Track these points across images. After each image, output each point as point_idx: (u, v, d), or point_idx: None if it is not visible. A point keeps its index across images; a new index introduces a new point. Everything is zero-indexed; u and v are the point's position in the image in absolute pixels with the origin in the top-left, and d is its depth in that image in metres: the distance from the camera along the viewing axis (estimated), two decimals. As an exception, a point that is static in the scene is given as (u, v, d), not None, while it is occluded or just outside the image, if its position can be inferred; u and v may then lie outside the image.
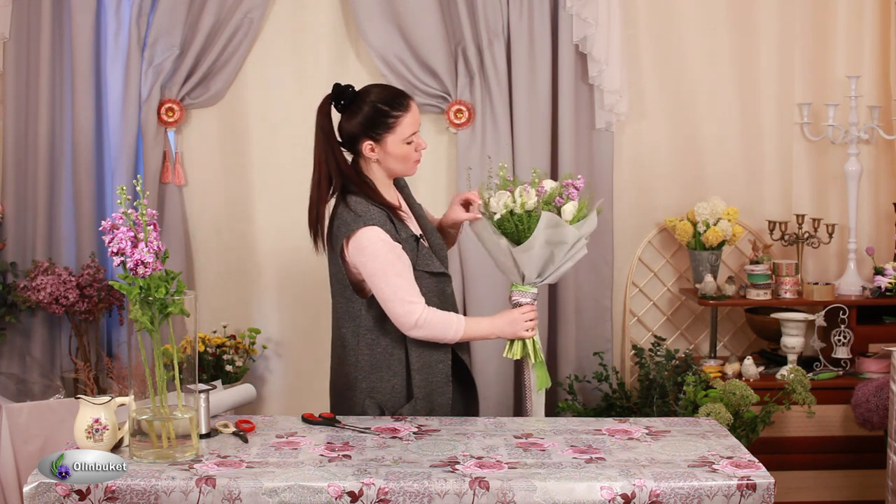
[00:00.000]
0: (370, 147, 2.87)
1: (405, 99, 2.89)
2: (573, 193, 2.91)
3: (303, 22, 4.34)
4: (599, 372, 4.16)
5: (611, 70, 4.21)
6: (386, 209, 2.86)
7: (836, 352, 4.16)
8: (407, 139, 2.86)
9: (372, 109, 2.86)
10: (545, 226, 2.84)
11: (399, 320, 2.82)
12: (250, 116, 4.38)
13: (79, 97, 4.18)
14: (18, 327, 4.23)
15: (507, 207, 2.88)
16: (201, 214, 4.39)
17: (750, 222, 4.46)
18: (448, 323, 2.84)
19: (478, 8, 4.17)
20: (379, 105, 2.86)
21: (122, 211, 2.38)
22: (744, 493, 2.28)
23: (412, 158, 2.90)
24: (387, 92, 2.92)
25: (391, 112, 2.85)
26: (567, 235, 2.88)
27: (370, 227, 2.80)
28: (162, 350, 2.41)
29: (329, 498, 2.26)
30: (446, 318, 2.85)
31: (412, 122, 2.87)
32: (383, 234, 2.81)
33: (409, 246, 2.86)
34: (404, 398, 2.88)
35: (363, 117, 2.86)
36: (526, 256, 2.88)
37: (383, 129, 2.85)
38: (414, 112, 2.88)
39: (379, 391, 2.88)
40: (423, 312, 2.80)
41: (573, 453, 2.49)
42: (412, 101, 2.90)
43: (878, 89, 4.40)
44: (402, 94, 2.92)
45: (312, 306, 4.36)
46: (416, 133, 2.89)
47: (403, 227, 2.89)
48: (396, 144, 2.86)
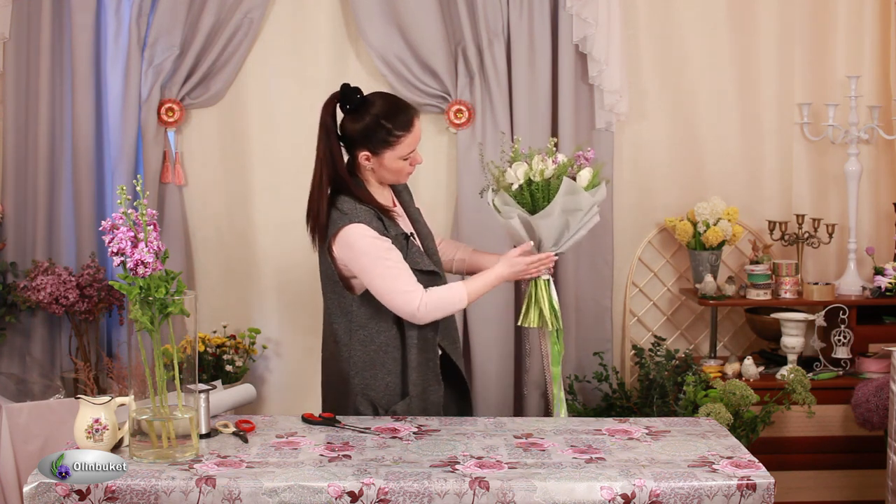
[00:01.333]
0: (366, 157, 2.88)
1: (410, 117, 2.87)
2: (585, 164, 3.00)
3: (303, 22, 4.34)
4: (599, 372, 4.16)
5: (611, 70, 4.21)
6: (374, 208, 2.87)
7: (836, 352, 4.16)
8: (405, 157, 2.87)
9: (374, 123, 2.85)
10: (564, 192, 2.89)
11: (402, 311, 2.83)
12: (250, 116, 4.37)
13: (79, 97, 4.18)
14: (18, 327, 4.23)
15: (526, 176, 2.93)
16: (201, 214, 4.39)
17: (750, 222, 4.46)
18: (449, 296, 2.86)
19: (478, 8, 4.17)
20: (382, 121, 2.85)
21: (122, 211, 2.38)
22: (744, 493, 2.29)
23: (406, 171, 2.93)
24: (393, 107, 2.89)
25: (393, 130, 2.84)
26: (582, 202, 2.92)
27: (356, 224, 2.82)
28: (162, 350, 2.41)
29: (329, 498, 2.26)
30: (446, 292, 2.87)
31: (412, 142, 2.87)
32: (369, 231, 2.82)
33: (399, 244, 2.87)
34: (398, 396, 2.89)
35: (364, 128, 2.85)
36: (544, 224, 2.92)
37: (382, 146, 2.85)
38: (416, 131, 2.88)
39: (372, 389, 2.89)
40: (421, 297, 2.81)
41: (573, 453, 2.49)
42: (416, 119, 2.88)
43: (878, 89, 4.40)
44: (407, 110, 2.89)
45: (312, 306, 4.34)
46: (415, 150, 2.89)
47: (393, 224, 2.89)
48: (393, 161, 2.87)
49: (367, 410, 2.89)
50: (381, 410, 2.88)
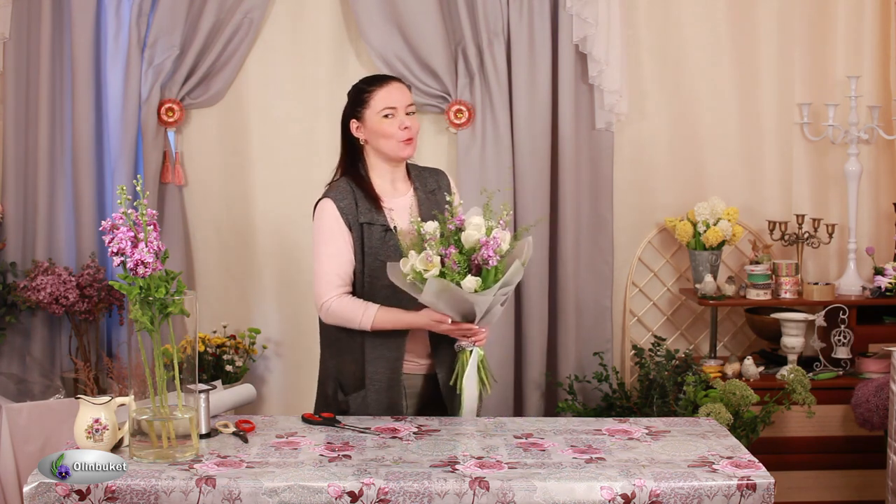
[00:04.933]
0: (356, 126, 2.93)
1: (384, 78, 2.96)
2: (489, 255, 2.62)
3: (303, 22, 4.34)
4: (599, 372, 4.16)
5: (611, 70, 4.21)
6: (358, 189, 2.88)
7: (836, 352, 4.16)
8: (381, 112, 2.88)
9: (353, 90, 2.96)
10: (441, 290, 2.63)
11: (315, 298, 2.90)
12: (250, 116, 4.38)
13: (79, 97, 4.18)
14: (18, 327, 4.23)
15: (413, 273, 2.67)
16: (201, 214, 4.39)
17: (750, 222, 4.46)
18: (355, 313, 2.83)
19: (478, 8, 4.17)
20: (358, 84, 2.96)
21: (122, 211, 2.38)
22: (744, 493, 2.28)
23: (395, 136, 2.88)
24: (372, 75, 3.03)
25: (366, 88, 2.92)
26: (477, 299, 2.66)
27: (325, 199, 2.88)
28: (162, 350, 2.41)
29: (329, 498, 2.26)
30: (355, 308, 2.83)
31: (386, 97, 2.89)
32: (332, 210, 2.85)
33: (374, 232, 2.86)
34: (358, 386, 2.90)
35: (349, 100, 2.96)
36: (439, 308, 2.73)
37: (361, 106, 2.92)
38: (391, 88, 2.91)
39: (342, 373, 2.93)
40: (331, 297, 2.85)
41: (573, 453, 2.49)
42: (395, 80, 2.95)
43: (878, 89, 4.40)
44: (385, 75, 3.01)
45: (312, 306, 4.34)
46: (396, 109, 2.88)
47: (373, 212, 2.87)
48: (373, 119, 2.89)
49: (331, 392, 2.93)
50: (341, 395, 2.91)
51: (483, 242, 2.63)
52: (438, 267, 2.62)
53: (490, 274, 2.65)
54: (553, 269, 4.32)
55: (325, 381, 2.98)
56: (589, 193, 4.36)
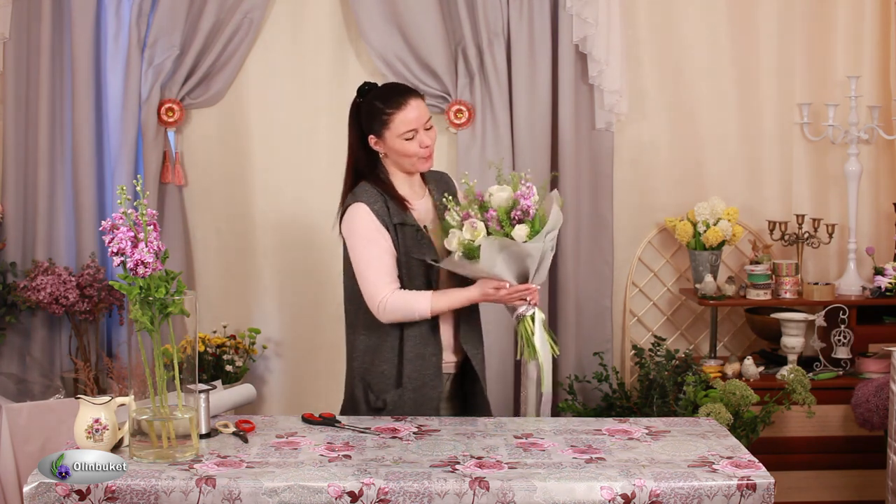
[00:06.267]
0: (374, 141, 2.93)
1: (402, 97, 2.90)
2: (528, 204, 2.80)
3: (303, 22, 4.34)
4: (599, 372, 4.16)
5: (611, 70, 4.21)
6: (386, 194, 2.89)
7: (836, 352, 4.16)
8: (403, 136, 2.88)
9: (370, 105, 2.92)
10: (499, 249, 2.77)
11: (367, 301, 2.88)
12: (250, 116, 4.37)
13: (79, 97, 4.18)
14: (18, 327, 4.23)
15: (462, 245, 2.81)
16: (201, 214, 4.39)
17: (750, 222, 4.46)
18: (413, 303, 2.85)
19: (478, 8, 4.17)
20: (375, 102, 2.91)
21: (122, 211, 2.38)
22: (744, 493, 2.28)
23: (415, 154, 2.91)
24: (388, 89, 2.97)
25: (384, 110, 2.89)
26: (530, 249, 2.81)
27: (358, 203, 2.87)
28: (162, 350, 2.41)
29: (329, 498, 2.26)
30: (412, 298, 2.85)
31: (405, 120, 2.87)
32: (368, 213, 2.86)
33: (407, 232, 2.88)
34: (392, 386, 2.90)
35: (366, 113, 2.93)
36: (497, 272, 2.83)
37: (379, 126, 2.90)
38: (409, 109, 2.88)
39: (370, 374, 2.93)
40: (385, 294, 2.84)
41: (573, 453, 2.49)
42: (412, 98, 2.90)
43: (878, 89, 4.40)
44: (401, 91, 2.94)
45: (312, 306, 4.37)
46: (416, 130, 2.89)
47: (403, 213, 2.90)
48: (393, 140, 2.89)
49: (361, 395, 2.93)
50: (372, 396, 2.91)
51: (518, 195, 2.80)
52: (484, 232, 2.77)
53: (534, 223, 2.79)
54: (553, 268, 4.32)
55: (353, 383, 2.97)
56: (589, 193, 4.36)
